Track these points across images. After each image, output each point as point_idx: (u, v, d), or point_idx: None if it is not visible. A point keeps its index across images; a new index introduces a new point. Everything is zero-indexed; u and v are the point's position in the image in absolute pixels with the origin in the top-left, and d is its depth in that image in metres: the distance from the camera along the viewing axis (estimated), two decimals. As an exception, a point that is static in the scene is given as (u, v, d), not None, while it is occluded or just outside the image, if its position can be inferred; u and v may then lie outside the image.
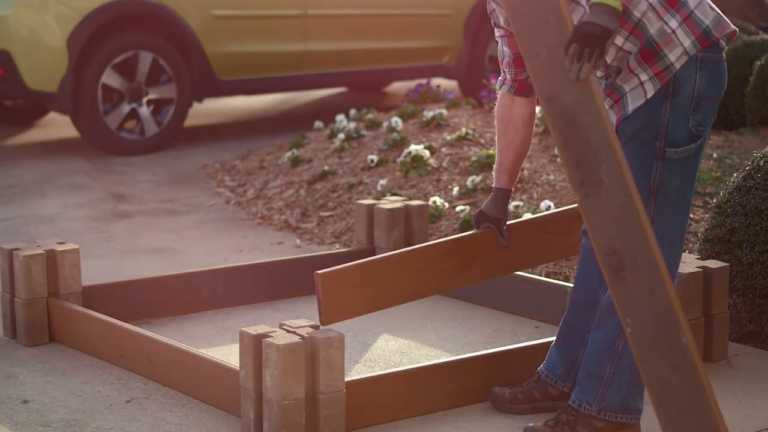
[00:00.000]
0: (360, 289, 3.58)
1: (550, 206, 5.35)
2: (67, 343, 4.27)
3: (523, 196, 5.63)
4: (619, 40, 3.25)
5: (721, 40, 3.28)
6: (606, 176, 2.97)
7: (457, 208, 5.63)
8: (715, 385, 3.91)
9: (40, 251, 4.29)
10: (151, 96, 8.01)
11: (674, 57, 3.23)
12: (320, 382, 3.38)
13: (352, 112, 7.66)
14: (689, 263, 4.10)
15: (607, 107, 3.30)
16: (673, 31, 3.23)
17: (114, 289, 4.51)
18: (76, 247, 4.37)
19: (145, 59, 7.91)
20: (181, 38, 8.07)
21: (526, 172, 5.88)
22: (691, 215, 5.41)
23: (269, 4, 8.42)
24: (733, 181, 4.39)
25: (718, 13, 3.29)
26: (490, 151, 6.11)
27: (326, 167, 6.69)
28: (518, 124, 3.70)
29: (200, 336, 4.41)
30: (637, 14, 3.23)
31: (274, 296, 4.86)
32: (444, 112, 7.09)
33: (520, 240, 3.84)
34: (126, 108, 7.92)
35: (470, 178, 5.86)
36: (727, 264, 4.11)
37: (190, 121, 8.96)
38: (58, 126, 9.11)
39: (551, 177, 5.77)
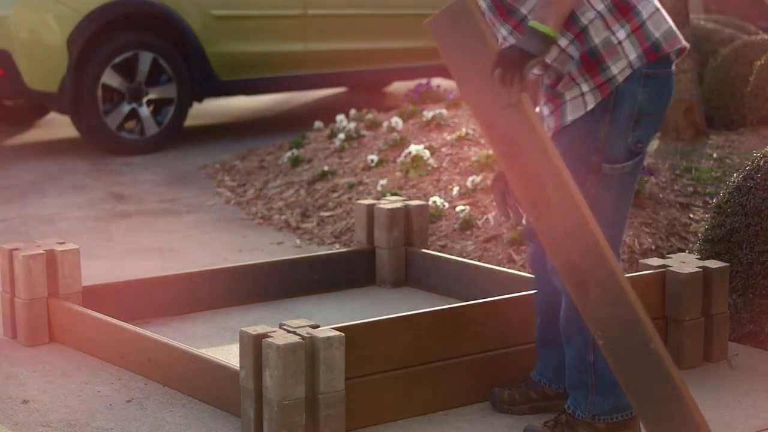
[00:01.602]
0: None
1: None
2: (67, 343, 4.27)
3: (523, 196, 5.62)
4: (563, 42, 3.17)
5: (671, 54, 3.19)
6: (553, 194, 3.00)
7: (457, 208, 5.63)
8: (715, 385, 3.91)
9: (40, 251, 4.29)
10: (151, 96, 8.01)
11: (617, 69, 3.13)
12: (320, 382, 3.38)
13: (352, 112, 7.66)
14: (689, 263, 4.10)
15: (547, 112, 3.26)
16: (620, 42, 3.13)
17: (114, 289, 4.51)
18: (76, 247, 4.37)
19: (145, 59, 7.91)
20: (181, 38, 8.07)
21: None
22: (691, 215, 5.41)
23: (269, 4, 8.42)
24: (733, 181, 4.39)
25: (671, 26, 3.20)
26: (491, 151, 6.11)
27: (326, 167, 6.69)
28: None
29: (200, 336, 4.41)
30: (584, 20, 3.14)
31: (274, 296, 4.86)
32: (444, 112, 7.09)
33: (513, 315, 3.82)
34: (126, 108, 7.92)
35: (470, 178, 5.86)
36: (727, 264, 4.11)
37: (190, 121, 8.96)
38: (58, 126, 9.11)
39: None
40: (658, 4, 3.22)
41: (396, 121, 7.03)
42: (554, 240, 3.03)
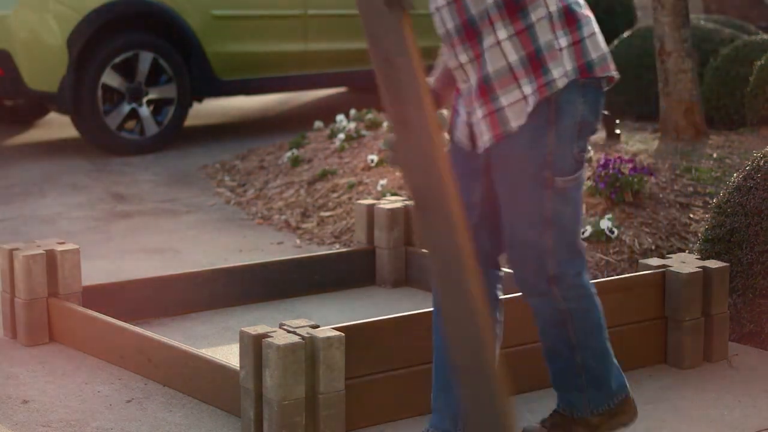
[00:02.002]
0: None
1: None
2: (67, 343, 4.27)
3: (523, 196, 5.62)
4: (501, 33, 3.04)
5: (602, 80, 3.13)
6: (413, 114, 2.98)
7: (457, 208, 5.62)
8: (715, 385, 3.91)
9: (40, 251, 4.29)
10: (151, 96, 8.01)
11: (557, 74, 3.05)
12: (320, 382, 3.38)
13: (352, 112, 7.66)
14: (689, 263, 4.10)
15: (480, 114, 3.12)
16: (561, 49, 3.06)
17: (114, 289, 4.51)
18: (76, 247, 4.37)
19: (145, 59, 7.91)
20: (181, 38, 8.07)
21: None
22: (691, 215, 5.42)
23: (269, 4, 8.42)
24: (733, 181, 4.39)
25: (606, 53, 3.15)
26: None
27: (326, 167, 6.69)
28: None
29: (200, 336, 4.41)
30: (533, 18, 3.04)
31: (274, 296, 4.86)
32: (444, 112, 7.07)
33: (513, 315, 3.81)
34: (126, 108, 7.92)
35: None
36: (727, 264, 4.11)
37: (190, 121, 8.96)
38: (58, 126, 9.11)
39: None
40: (597, 29, 3.15)
41: (396, 121, 7.02)
42: (408, 159, 3.04)
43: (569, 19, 3.08)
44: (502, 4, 3.04)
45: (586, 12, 3.14)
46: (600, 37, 3.15)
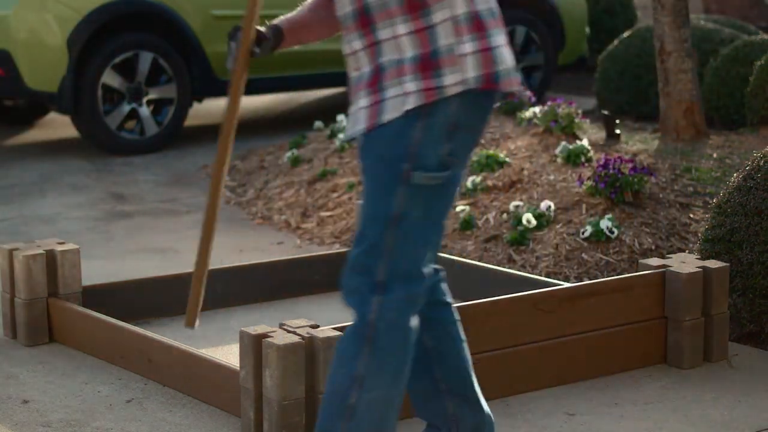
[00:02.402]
0: None
1: (550, 206, 5.35)
2: (67, 343, 4.27)
3: (523, 196, 5.63)
4: (400, 28, 2.87)
5: (498, 93, 2.94)
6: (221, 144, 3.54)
7: (457, 208, 5.63)
8: (715, 385, 3.91)
9: (40, 251, 4.29)
10: (151, 96, 8.01)
11: (451, 81, 2.85)
12: (320, 382, 3.38)
13: (352, 112, 7.65)
14: (689, 263, 4.10)
15: (364, 104, 3.02)
16: (464, 55, 2.86)
17: (114, 289, 4.51)
18: (76, 247, 4.37)
19: (145, 59, 7.91)
20: (181, 38, 8.07)
21: (526, 172, 5.88)
22: (691, 215, 5.41)
23: (269, 4, 8.41)
24: (733, 181, 4.39)
25: (513, 66, 2.94)
26: (490, 151, 6.11)
27: (326, 167, 6.69)
28: None
29: (200, 336, 4.41)
30: (435, 18, 2.86)
31: (274, 296, 4.86)
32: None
33: (513, 315, 3.81)
34: (126, 108, 7.92)
35: (470, 178, 5.86)
36: (727, 264, 4.11)
37: (190, 121, 8.95)
38: (58, 126, 9.11)
39: (551, 177, 5.77)
40: (506, 42, 2.95)
41: (396, 121, 7.02)
42: (216, 167, 3.42)
43: (478, 25, 2.88)
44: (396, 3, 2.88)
45: (499, 23, 2.94)
46: (507, 51, 2.94)
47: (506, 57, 2.93)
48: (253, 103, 10.25)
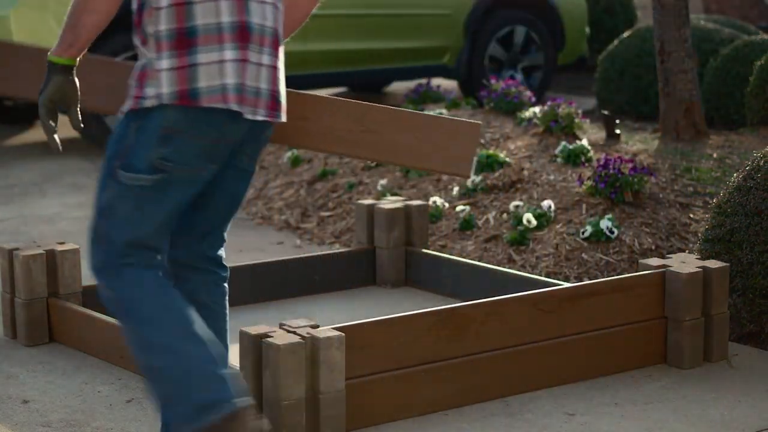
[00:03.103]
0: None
1: (550, 206, 5.35)
2: (67, 343, 4.27)
3: (523, 196, 5.63)
4: (136, 40, 3.09)
5: (213, 110, 2.98)
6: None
7: (457, 208, 5.63)
8: (715, 385, 3.91)
9: (40, 251, 4.29)
10: (151, 96, 8.01)
11: (150, 93, 2.99)
12: (320, 382, 3.38)
13: (352, 112, 7.65)
14: (689, 263, 4.10)
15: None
16: (160, 71, 2.98)
17: (114, 289, 4.50)
18: (77, 246, 4.37)
19: (145, 59, 7.90)
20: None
21: (526, 172, 5.88)
22: (691, 215, 5.41)
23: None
24: (733, 181, 4.40)
25: (229, 84, 2.98)
26: (490, 151, 6.11)
27: (326, 167, 6.69)
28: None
29: (200, 336, 4.41)
30: (147, 32, 3.04)
31: (274, 296, 4.86)
32: (444, 112, 7.09)
33: (514, 316, 3.81)
34: (126, 108, 7.92)
35: (470, 178, 5.86)
36: (727, 264, 4.11)
37: (190, 121, 8.94)
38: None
39: (551, 177, 5.77)
40: (236, 56, 3.01)
41: (396, 121, 7.02)
42: None
43: (180, 43, 2.97)
44: (136, 10, 3.11)
45: (224, 38, 3.00)
46: (231, 68, 2.99)
47: (215, 75, 2.98)
48: (253, 103, 10.25)
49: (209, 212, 3.24)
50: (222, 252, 3.31)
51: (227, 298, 3.33)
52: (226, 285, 3.33)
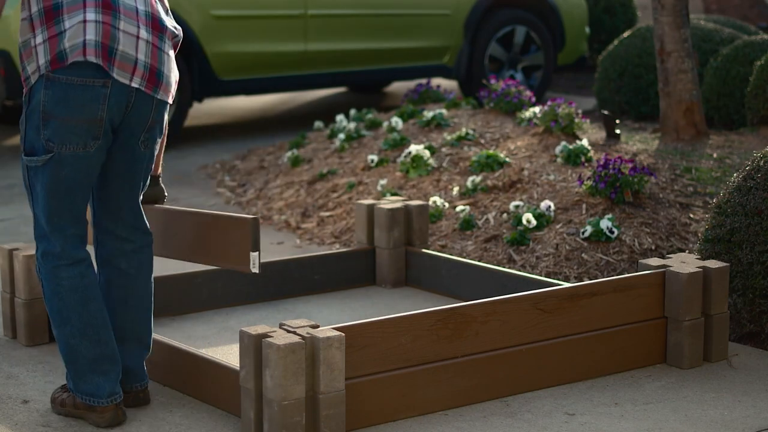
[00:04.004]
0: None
1: (550, 206, 5.35)
2: (67, 343, 4.27)
3: (523, 196, 5.63)
4: (25, 14, 3.43)
5: (73, 74, 3.37)
6: None
7: (457, 208, 5.63)
8: (715, 385, 3.91)
9: (40, 251, 4.29)
10: (151, 96, 8.01)
11: (31, 70, 3.42)
12: (320, 382, 3.38)
13: (352, 112, 7.66)
14: (689, 263, 4.11)
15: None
16: (35, 46, 3.40)
17: (114, 289, 4.50)
18: (76, 247, 4.36)
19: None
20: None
21: (526, 172, 5.88)
22: (691, 215, 5.42)
23: (269, 4, 8.42)
24: (733, 181, 4.40)
25: (85, 40, 3.37)
26: (490, 151, 6.11)
27: (326, 167, 6.69)
28: None
29: (200, 336, 4.41)
30: (25, 14, 3.43)
31: (274, 296, 4.86)
32: (444, 112, 7.09)
33: (514, 316, 3.81)
34: (126, 108, 7.92)
35: (470, 178, 5.86)
36: (727, 264, 4.11)
37: (190, 121, 8.96)
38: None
39: (551, 177, 5.77)
40: (97, 18, 3.40)
41: (396, 121, 7.03)
42: None
43: (48, 16, 3.39)
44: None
45: (80, 6, 3.39)
46: (87, 26, 3.38)
47: (76, 35, 3.37)
48: (253, 103, 10.26)
49: (112, 190, 3.62)
50: (142, 219, 3.70)
51: (149, 263, 3.73)
52: (145, 251, 3.72)
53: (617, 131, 6.66)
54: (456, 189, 5.90)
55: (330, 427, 3.40)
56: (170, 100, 3.56)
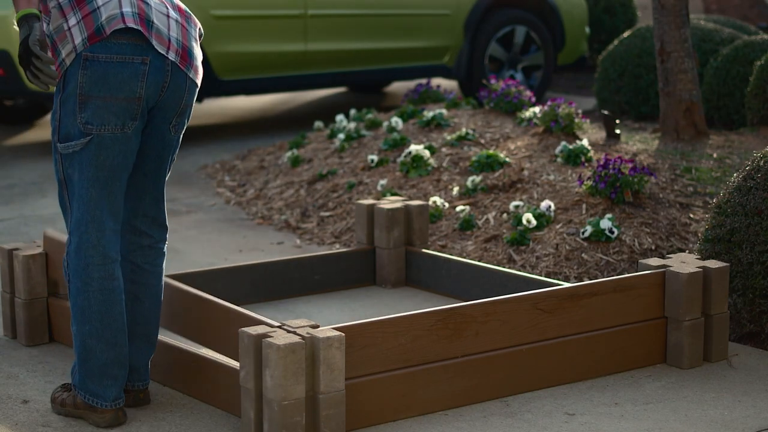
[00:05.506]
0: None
1: (550, 206, 5.35)
2: (67, 343, 4.27)
3: (524, 196, 5.63)
4: (53, 3, 3.42)
5: (112, 50, 3.38)
6: None
7: (457, 208, 5.63)
8: (715, 385, 3.91)
9: (40, 251, 4.29)
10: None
11: (66, 52, 3.39)
12: (320, 382, 3.38)
13: (352, 112, 7.66)
14: (689, 263, 4.11)
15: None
16: (69, 29, 3.38)
17: (114, 289, 4.50)
18: (76, 247, 4.36)
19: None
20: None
21: (526, 172, 5.88)
22: (691, 215, 5.42)
23: (269, 4, 8.42)
24: (733, 181, 4.40)
25: (120, 12, 3.38)
26: (491, 151, 6.11)
27: (326, 167, 6.69)
28: None
29: (200, 336, 4.41)
30: (49, 5, 3.42)
31: (274, 296, 4.86)
32: (444, 112, 7.09)
33: (514, 316, 3.81)
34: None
35: (470, 178, 5.86)
36: (727, 264, 4.11)
37: (190, 121, 8.93)
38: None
39: (551, 177, 5.77)
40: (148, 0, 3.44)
41: (396, 121, 7.03)
42: None
43: (78, 1, 3.39)
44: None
45: None
46: (126, 1, 3.40)
47: (110, 8, 3.37)
48: (253, 103, 10.26)
49: (137, 177, 3.59)
50: (163, 212, 3.67)
51: (163, 258, 3.74)
52: (161, 246, 3.71)
53: (617, 131, 6.66)
54: (456, 189, 5.90)
55: (330, 427, 3.40)
56: (198, 83, 3.59)
